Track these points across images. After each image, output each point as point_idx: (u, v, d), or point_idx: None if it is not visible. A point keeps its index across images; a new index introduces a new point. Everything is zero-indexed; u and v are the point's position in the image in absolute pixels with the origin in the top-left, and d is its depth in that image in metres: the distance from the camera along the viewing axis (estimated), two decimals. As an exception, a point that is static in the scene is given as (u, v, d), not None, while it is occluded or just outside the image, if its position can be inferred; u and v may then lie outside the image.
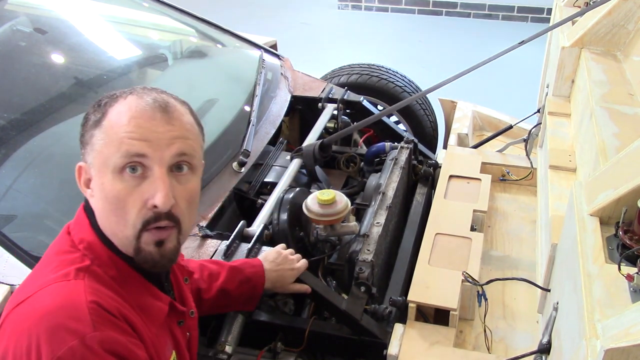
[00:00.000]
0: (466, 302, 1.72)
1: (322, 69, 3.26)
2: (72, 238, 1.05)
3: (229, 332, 1.53)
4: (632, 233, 1.11)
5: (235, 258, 1.61)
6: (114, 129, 0.99)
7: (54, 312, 0.93)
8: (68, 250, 1.04)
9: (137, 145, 0.98)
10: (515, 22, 6.70)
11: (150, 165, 0.99)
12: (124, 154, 0.98)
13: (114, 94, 1.05)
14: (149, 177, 1.00)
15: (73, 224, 1.08)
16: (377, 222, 1.82)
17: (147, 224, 1.01)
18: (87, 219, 1.06)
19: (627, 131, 1.53)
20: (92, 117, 1.02)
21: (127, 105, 1.01)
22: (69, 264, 1.01)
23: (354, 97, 2.57)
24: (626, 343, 0.83)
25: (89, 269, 1.01)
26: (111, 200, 0.99)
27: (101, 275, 1.02)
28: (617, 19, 1.98)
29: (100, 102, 1.04)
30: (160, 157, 1.00)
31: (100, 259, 1.03)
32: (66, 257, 1.03)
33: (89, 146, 1.02)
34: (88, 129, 1.02)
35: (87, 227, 1.05)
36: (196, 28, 2.80)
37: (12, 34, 2.21)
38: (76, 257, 1.03)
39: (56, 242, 1.09)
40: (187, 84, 2.42)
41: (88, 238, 1.04)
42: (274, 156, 2.18)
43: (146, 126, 0.99)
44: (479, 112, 2.87)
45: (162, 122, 1.00)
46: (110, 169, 0.99)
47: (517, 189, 2.36)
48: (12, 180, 1.70)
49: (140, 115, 1.00)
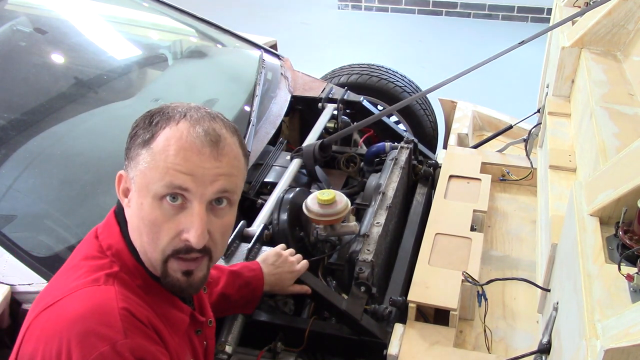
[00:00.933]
0: (466, 302, 1.72)
1: (322, 69, 3.26)
2: (100, 243, 1.05)
3: (229, 332, 1.53)
4: (632, 233, 1.11)
5: (235, 258, 1.61)
6: (162, 156, 0.97)
7: (85, 316, 0.93)
8: (96, 256, 1.04)
9: (181, 179, 0.97)
10: (515, 22, 6.70)
11: (190, 199, 0.99)
12: (167, 185, 0.97)
13: (167, 112, 1.02)
14: (187, 208, 0.99)
15: (102, 227, 1.08)
16: (377, 222, 1.82)
17: (177, 253, 1.01)
18: (118, 225, 1.06)
19: (627, 131, 1.53)
20: (142, 134, 1.00)
21: (178, 132, 0.98)
22: (98, 269, 1.01)
23: (354, 97, 2.57)
24: (626, 343, 0.83)
25: (118, 276, 1.01)
26: (147, 223, 1.00)
27: (129, 283, 1.02)
28: (617, 19, 1.98)
29: (152, 119, 1.01)
30: (202, 193, 0.99)
31: (127, 267, 1.03)
32: (95, 262, 1.02)
33: (133, 162, 1.01)
34: (135, 145, 1.01)
35: (116, 234, 1.05)
36: (196, 28, 2.80)
37: (12, 34, 2.21)
38: (105, 262, 1.02)
39: (83, 245, 1.08)
40: (187, 84, 2.42)
41: (117, 245, 1.04)
42: (274, 156, 2.18)
43: (193, 160, 0.98)
44: (479, 112, 2.87)
45: (210, 158, 0.99)
46: (151, 193, 0.98)
47: (517, 189, 2.36)
48: (12, 180, 1.70)
49: (190, 148, 0.98)
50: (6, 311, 1.47)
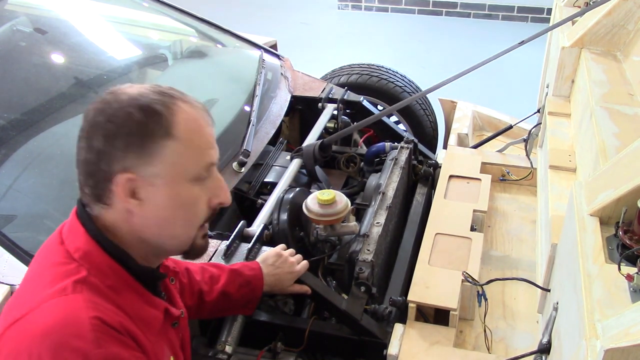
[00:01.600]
0: (466, 302, 1.72)
1: (322, 69, 3.26)
2: (66, 248, 1.02)
3: (229, 332, 1.54)
4: (632, 233, 1.11)
5: (235, 258, 1.61)
6: (193, 140, 1.01)
7: (55, 330, 0.90)
8: (62, 262, 1.00)
9: (214, 155, 1.05)
10: (515, 22, 6.70)
11: (212, 169, 1.06)
12: (207, 164, 1.03)
13: (154, 99, 0.99)
14: (208, 177, 1.05)
15: (66, 232, 1.05)
16: (377, 222, 1.82)
17: (207, 220, 1.08)
18: (83, 226, 1.03)
19: (627, 131, 1.54)
20: (157, 126, 0.97)
21: (190, 113, 1.02)
22: (65, 277, 0.97)
23: (354, 97, 2.57)
24: (626, 343, 0.83)
25: (87, 281, 0.98)
26: (187, 206, 1.03)
27: (98, 286, 0.99)
28: (617, 19, 1.98)
29: (152, 109, 0.98)
30: (217, 158, 1.07)
31: (98, 267, 1.01)
32: (60, 268, 0.99)
33: (152, 157, 0.98)
34: (153, 140, 0.97)
35: (83, 235, 1.02)
36: (196, 28, 2.80)
37: (12, 34, 2.21)
38: (72, 268, 0.99)
39: (47, 252, 1.05)
40: (187, 84, 2.42)
41: (85, 247, 1.01)
42: (274, 156, 2.18)
43: (211, 133, 1.05)
44: (479, 112, 2.87)
45: (212, 127, 1.06)
46: (189, 177, 1.01)
47: (517, 189, 2.36)
48: (12, 180, 1.70)
49: (205, 124, 1.04)
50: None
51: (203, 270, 1.46)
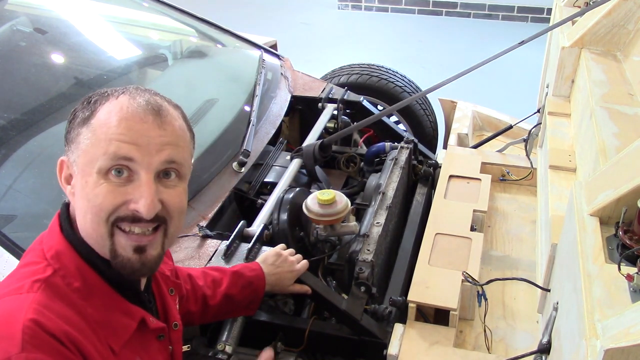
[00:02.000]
0: (466, 302, 1.72)
1: (322, 69, 3.26)
2: (42, 246, 1.00)
3: (229, 332, 1.53)
4: (632, 233, 1.11)
5: (235, 258, 1.61)
6: (103, 129, 0.95)
7: None
8: (35, 261, 0.99)
9: (125, 148, 0.94)
10: (515, 22, 6.70)
11: (136, 170, 0.96)
12: (112, 156, 0.94)
13: (105, 91, 1.00)
14: (134, 181, 0.96)
15: (47, 230, 1.03)
16: (377, 222, 1.82)
17: (122, 220, 0.97)
18: (59, 225, 1.01)
19: (627, 131, 1.54)
20: (81, 114, 0.98)
21: (118, 105, 0.97)
22: (29, 275, 0.96)
23: (354, 97, 2.57)
24: (626, 343, 0.83)
25: (48, 281, 0.95)
26: (92, 199, 0.95)
27: (60, 287, 0.96)
28: (617, 19, 1.98)
29: (90, 98, 0.99)
30: (149, 162, 0.96)
31: (67, 268, 0.98)
32: (30, 268, 0.98)
33: (74, 144, 0.98)
34: (75, 126, 0.98)
35: (57, 235, 1.00)
36: (196, 28, 2.80)
37: (12, 34, 2.21)
38: (39, 267, 0.97)
39: (29, 250, 1.04)
40: (187, 84, 2.42)
41: (57, 246, 0.99)
42: (274, 156, 2.18)
43: (136, 129, 0.95)
44: (479, 112, 2.87)
45: (153, 126, 0.97)
46: (95, 169, 0.95)
47: (517, 189, 2.36)
48: (12, 180, 1.70)
49: (132, 117, 0.96)
50: (6, 311, 1.47)
51: (205, 275, 1.46)
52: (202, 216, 1.77)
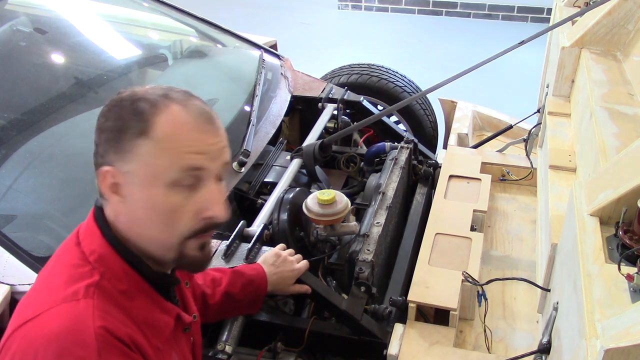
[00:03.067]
0: (466, 302, 1.72)
1: (322, 69, 3.26)
2: (82, 249, 1.03)
3: (229, 332, 1.54)
4: (632, 233, 1.11)
5: (235, 258, 1.61)
6: (168, 142, 0.97)
7: (60, 336, 0.92)
8: (77, 264, 1.01)
9: (196, 159, 0.98)
10: (515, 22, 6.70)
11: (204, 177, 1.00)
12: (183, 168, 0.97)
13: (147, 98, 1.00)
14: (201, 187, 1.00)
15: (83, 233, 1.05)
16: (377, 222, 1.82)
17: (197, 233, 1.02)
18: (99, 229, 1.04)
19: (627, 131, 1.54)
20: (134, 125, 0.97)
21: (176, 116, 0.99)
22: (79, 279, 0.99)
23: (354, 97, 2.57)
24: (626, 343, 0.83)
25: (99, 285, 0.99)
26: (162, 211, 0.99)
27: (110, 291, 1.00)
28: (617, 19, 1.99)
29: (136, 107, 0.99)
30: (213, 168, 1.01)
31: (112, 271, 1.01)
32: (75, 270, 1.00)
33: (127, 155, 0.98)
34: (129, 136, 0.97)
35: (98, 238, 1.03)
36: (196, 28, 2.80)
37: (12, 34, 2.21)
38: (85, 271, 1.00)
39: (64, 253, 1.06)
40: (187, 84, 2.42)
41: (100, 250, 1.02)
42: (274, 156, 2.18)
43: (201, 139, 0.99)
44: (479, 112, 2.87)
45: (212, 134, 1.02)
46: (164, 181, 0.97)
47: (517, 189, 2.36)
48: (12, 180, 1.70)
49: (194, 128, 0.99)
50: (6, 311, 1.47)
51: (204, 274, 1.46)
52: (202, 216, 1.77)
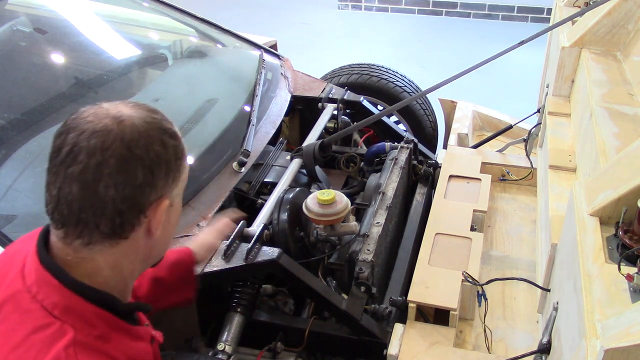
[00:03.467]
0: (466, 302, 1.72)
1: (322, 69, 3.26)
2: (41, 303, 0.92)
3: (229, 332, 1.54)
4: (632, 233, 1.11)
5: (235, 258, 1.61)
6: (185, 163, 1.03)
7: None
8: (41, 325, 0.91)
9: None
10: (515, 22, 6.70)
11: None
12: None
13: (162, 119, 1.00)
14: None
15: (35, 287, 0.93)
16: (377, 222, 1.82)
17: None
18: (55, 278, 0.93)
19: (627, 131, 1.54)
20: (182, 148, 1.00)
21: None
22: (52, 343, 0.89)
23: (354, 97, 2.57)
24: (626, 343, 0.83)
25: (76, 341, 0.90)
26: (174, 225, 1.06)
27: (87, 342, 0.92)
28: (617, 19, 1.99)
29: (174, 133, 0.99)
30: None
31: (83, 319, 0.93)
32: (43, 334, 0.90)
33: (178, 179, 1.00)
34: (183, 159, 1.00)
35: (58, 288, 0.93)
36: (196, 28, 2.80)
37: (12, 34, 2.21)
38: (55, 330, 0.90)
39: (16, 314, 0.93)
40: (187, 84, 2.42)
41: (63, 301, 0.92)
42: (274, 156, 2.18)
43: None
44: (479, 112, 2.87)
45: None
46: (180, 198, 1.05)
47: (517, 189, 2.36)
48: (12, 180, 1.70)
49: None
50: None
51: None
52: (202, 216, 1.77)
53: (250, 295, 1.63)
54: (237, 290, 1.62)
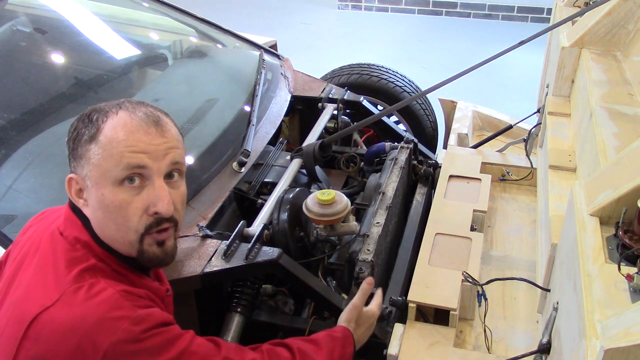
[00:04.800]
0: (466, 302, 1.72)
1: (322, 69, 3.26)
2: (67, 239, 1.11)
3: (229, 332, 1.53)
4: (632, 233, 1.11)
5: (235, 258, 1.60)
6: (113, 144, 1.05)
7: (91, 309, 1.00)
8: (70, 249, 1.09)
9: (137, 158, 1.06)
10: (515, 22, 6.70)
11: (149, 176, 1.08)
12: (126, 167, 1.05)
13: (101, 108, 1.10)
14: (147, 186, 1.08)
15: (63, 225, 1.13)
16: (377, 222, 1.82)
17: (150, 228, 1.10)
18: (79, 219, 1.11)
19: (627, 131, 1.54)
20: (86, 131, 1.07)
21: (122, 120, 1.07)
22: (78, 263, 1.07)
23: (354, 97, 2.57)
24: (626, 343, 0.83)
25: (97, 267, 1.08)
26: (112, 209, 1.07)
27: (107, 271, 1.09)
28: (617, 19, 1.99)
29: (90, 117, 1.08)
30: (158, 167, 1.08)
31: (99, 256, 1.10)
32: (72, 255, 1.08)
33: (83, 160, 1.07)
34: (82, 143, 1.07)
35: (79, 227, 1.11)
36: (196, 28, 2.80)
37: (12, 34, 2.21)
38: (80, 255, 1.08)
39: (49, 242, 1.12)
40: (187, 84, 2.42)
41: (83, 237, 1.10)
42: (274, 156, 2.18)
43: (144, 140, 1.07)
44: (479, 112, 2.87)
45: (157, 135, 1.09)
46: (110, 181, 1.06)
47: (517, 189, 2.36)
48: (12, 180, 1.70)
49: (137, 130, 1.07)
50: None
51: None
52: (202, 216, 1.77)
53: (250, 295, 1.63)
54: (237, 290, 1.62)
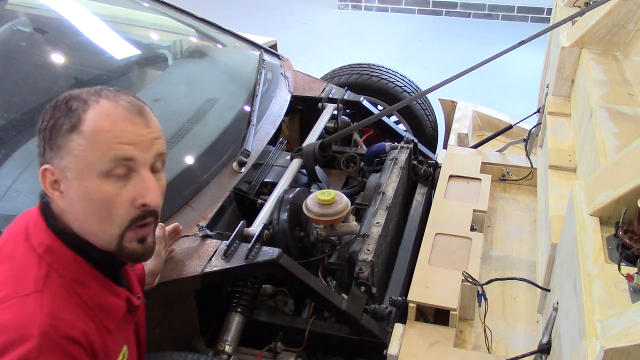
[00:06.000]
0: (466, 302, 1.72)
1: (322, 69, 3.26)
2: (31, 242, 1.06)
3: (229, 332, 1.54)
4: (632, 233, 1.11)
5: (235, 258, 1.60)
6: (99, 135, 1.01)
7: (9, 329, 0.95)
8: (25, 256, 1.04)
9: (125, 150, 1.02)
10: (515, 22, 6.70)
11: (135, 167, 1.04)
12: (113, 159, 1.01)
13: (79, 96, 1.04)
14: (133, 178, 1.04)
15: (31, 227, 1.08)
16: (377, 222, 1.82)
17: (135, 221, 1.05)
18: (45, 221, 1.07)
19: (627, 131, 1.54)
20: (66, 120, 1.02)
21: (105, 109, 1.02)
22: (28, 272, 1.02)
23: (354, 97, 2.57)
24: (626, 343, 0.83)
25: (47, 276, 1.02)
26: (97, 202, 1.02)
27: (59, 281, 1.03)
28: (617, 19, 1.99)
29: (68, 104, 1.03)
30: (145, 158, 1.05)
31: (61, 261, 1.04)
32: (24, 262, 1.03)
33: (62, 151, 1.02)
34: (62, 133, 1.02)
35: (45, 230, 1.06)
36: (196, 28, 2.80)
37: (12, 34, 2.21)
38: (34, 263, 1.03)
39: (13, 245, 1.08)
40: (187, 84, 2.42)
41: (47, 241, 1.05)
42: (274, 156, 2.18)
43: (130, 130, 1.03)
44: (479, 112, 2.87)
45: (142, 126, 1.05)
46: (95, 172, 1.01)
47: (517, 189, 2.36)
48: (12, 180, 1.70)
49: (123, 120, 1.03)
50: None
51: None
52: (202, 216, 1.77)
53: (250, 295, 1.63)
54: (237, 290, 1.62)
